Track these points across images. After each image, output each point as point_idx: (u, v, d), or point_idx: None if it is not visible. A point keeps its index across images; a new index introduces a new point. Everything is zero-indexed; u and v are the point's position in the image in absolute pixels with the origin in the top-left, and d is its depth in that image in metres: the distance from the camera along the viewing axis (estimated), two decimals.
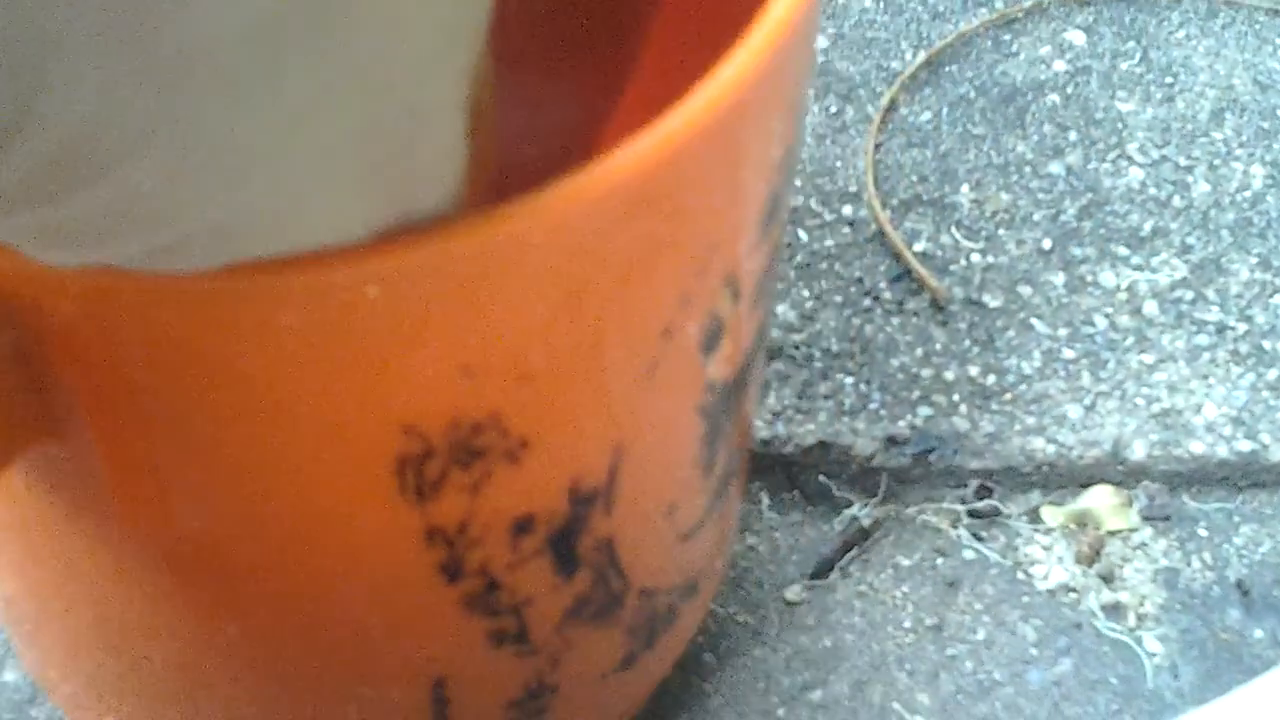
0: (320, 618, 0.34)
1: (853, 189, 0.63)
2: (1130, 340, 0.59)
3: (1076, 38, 0.70)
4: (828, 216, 0.63)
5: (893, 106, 0.67)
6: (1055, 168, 0.64)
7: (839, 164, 0.65)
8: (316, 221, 0.25)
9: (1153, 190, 0.64)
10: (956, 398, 0.57)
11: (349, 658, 0.36)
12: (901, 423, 0.56)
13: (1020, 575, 0.54)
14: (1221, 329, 0.59)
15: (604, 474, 0.33)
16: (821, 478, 0.56)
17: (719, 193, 0.30)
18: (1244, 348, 0.58)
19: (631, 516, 0.35)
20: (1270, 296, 0.60)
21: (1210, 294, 0.60)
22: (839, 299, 0.60)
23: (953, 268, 0.61)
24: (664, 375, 0.32)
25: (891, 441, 0.56)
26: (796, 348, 0.58)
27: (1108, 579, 0.53)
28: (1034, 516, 0.55)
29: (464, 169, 0.28)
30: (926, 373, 0.58)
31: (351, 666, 0.36)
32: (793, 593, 0.53)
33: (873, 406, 0.57)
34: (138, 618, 0.36)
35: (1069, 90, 0.68)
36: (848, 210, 0.63)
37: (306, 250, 0.25)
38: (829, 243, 0.62)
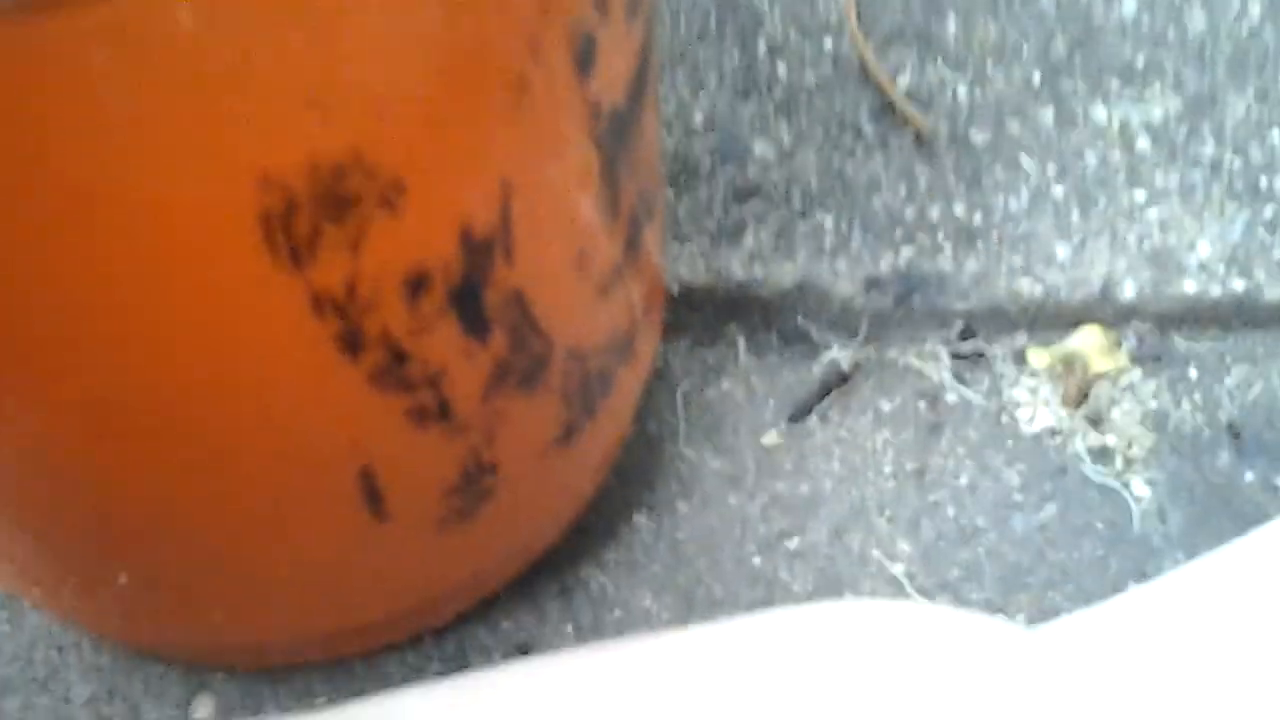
0: (228, 417, 0.33)
1: (834, 20, 0.61)
2: (1121, 177, 0.56)
3: None
4: (807, 50, 0.60)
5: None
6: None
7: None
8: None
9: (1147, 22, 0.61)
10: (940, 237, 0.55)
11: (266, 456, 0.34)
12: (883, 263, 0.54)
13: (1005, 418, 0.52)
14: (1216, 165, 0.57)
15: (496, 216, 0.31)
16: (800, 320, 0.54)
17: None
18: (1239, 184, 0.56)
19: (537, 265, 0.34)
20: (1267, 131, 0.58)
21: (1205, 129, 0.58)
22: (819, 135, 0.57)
23: (938, 102, 0.58)
24: (541, 98, 0.30)
25: (873, 282, 0.54)
26: (774, 186, 0.56)
27: (1095, 422, 0.51)
28: (1019, 358, 0.53)
29: None
30: (909, 211, 0.55)
31: (270, 465, 0.34)
32: (769, 438, 0.52)
33: (853, 246, 0.54)
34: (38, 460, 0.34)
35: None
36: (828, 43, 0.60)
37: None
38: (809, 77, 0.59)
